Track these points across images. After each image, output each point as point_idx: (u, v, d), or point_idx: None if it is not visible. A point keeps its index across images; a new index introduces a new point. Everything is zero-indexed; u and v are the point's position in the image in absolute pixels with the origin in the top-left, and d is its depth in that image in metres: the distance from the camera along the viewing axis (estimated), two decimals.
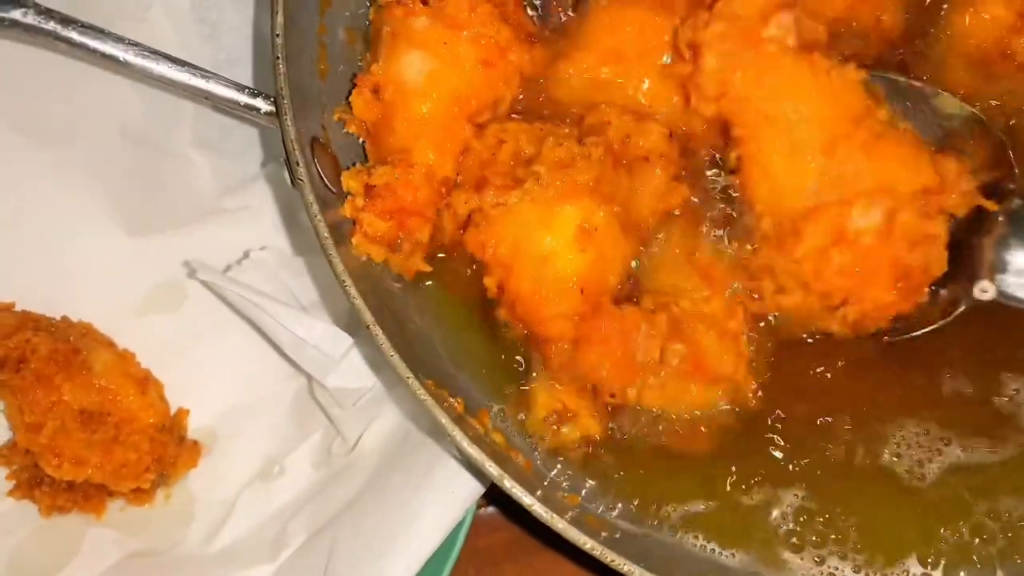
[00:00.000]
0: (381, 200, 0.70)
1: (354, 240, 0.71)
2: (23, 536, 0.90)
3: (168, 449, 0.91)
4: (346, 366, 0.84)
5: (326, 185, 0.69)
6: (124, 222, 0.94)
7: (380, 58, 0.73)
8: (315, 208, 0.64)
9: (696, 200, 0.75)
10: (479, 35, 0.72)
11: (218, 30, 0.89)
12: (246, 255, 0.91)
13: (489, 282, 0.71)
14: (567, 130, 0.73)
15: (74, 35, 0.67)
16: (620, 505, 0.68)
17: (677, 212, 0.74)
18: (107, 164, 0.92)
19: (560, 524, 0.61)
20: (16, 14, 0.66)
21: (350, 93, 0.73)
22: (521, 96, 0.76)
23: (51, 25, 0.66)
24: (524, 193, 0.68)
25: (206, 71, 0.69)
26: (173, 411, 0.94)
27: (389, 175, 0.71)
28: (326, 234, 0.64)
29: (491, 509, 0.95)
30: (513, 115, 0.75)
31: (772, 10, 0.71)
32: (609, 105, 0.74)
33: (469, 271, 0.74)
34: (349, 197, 0.71)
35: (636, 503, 0.69)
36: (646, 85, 0.75)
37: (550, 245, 0.69)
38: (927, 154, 0.73)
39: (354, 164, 0.74)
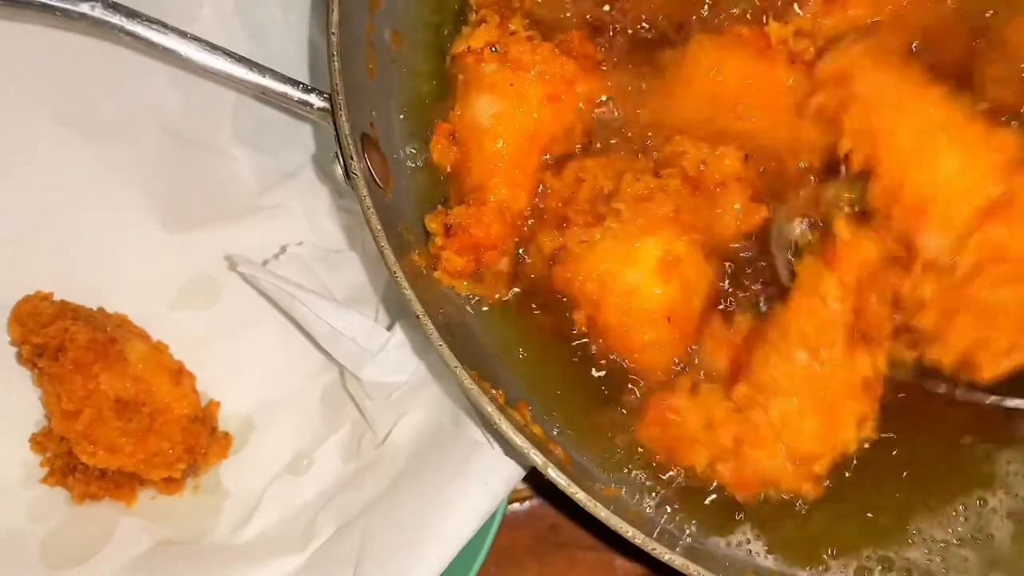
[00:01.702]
0: (457, 238, 0.74)
1: (437, 275, 0.75)
2: (55, 523, 0.91)
3: (200, 440, 0.93)
4: (381, 359, 0.86)
5: (375, 180, 0.71)
6: (162, 217, 0.95)
7: (456, 105, 0.78)
8: (368, 201, 0.67)
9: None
10: (543, 72, 0.75)
11: (264, 29, 0.91)
12: (283, 250, 0.93)
13: (578, 317, 0.75)
14: (643, 163, 0.75)
15: (139, 29, 0.69)
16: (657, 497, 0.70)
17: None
18: (148, 159, 0.94)
19: (603, 512, 0.63)
20: (85, 7, 0.68)
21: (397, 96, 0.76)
22: (603, 121, 0.79)
23: (117, 19, 0.69)
24: (606, 230, 0.72)
25: (263, 67, 0.71)
26: (204, 403, 0.95)
27: (464, 215, 0.75)
28: (378, 226, 0.66)
29: (515, 507, 0.96)
30: (588, 143, 0.79)
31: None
32: (683, 135, 0.76)
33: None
34: (432, 237, 0.76)
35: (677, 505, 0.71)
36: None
37: (635, 279, 0.71)
38: None
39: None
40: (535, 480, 0.92)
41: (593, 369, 0.75)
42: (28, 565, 0.89)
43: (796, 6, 0.78)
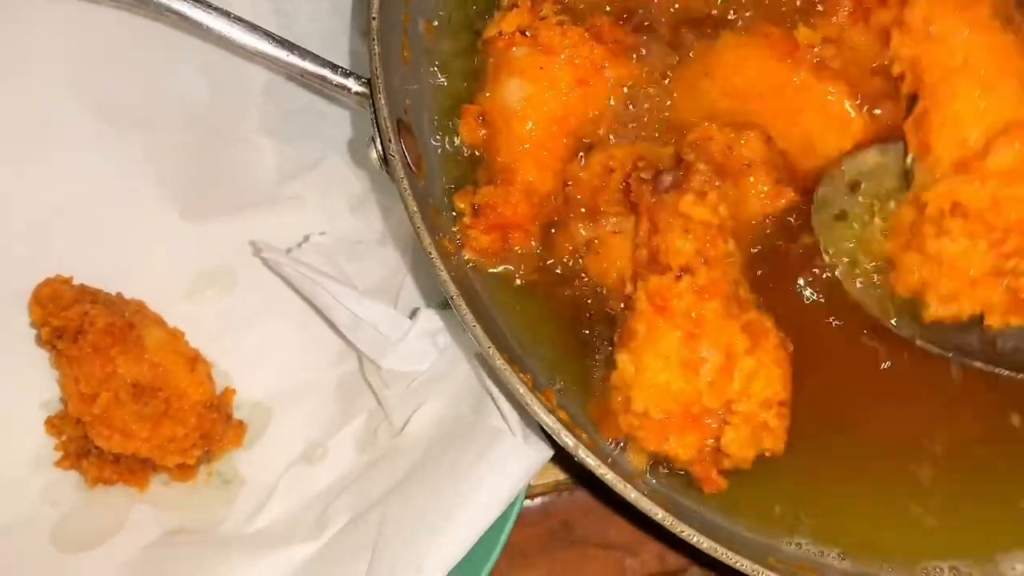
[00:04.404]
0: (484, 217, 0.75)
1: (465, 253, 0.76)
2: (68, 508, 0.91)
3: (215, 427, 0.93)
4: (402, 348, 0.86)
5: (409, 164, 0.72)
6: (181, 205, 0.96)
7: (487, 87, 0.79)
8: (405, 183, 0.68)
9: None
10: (572, 56, 0.77)
11: (291, 18, 0.92)
12: (306, 239, 0.94)
13: (615, 304, 0.76)
14: (670, 150, 0.77)
15: (184, 8, 0.70)
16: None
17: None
18: (171, 148, 0.95)
19: (632, 494, 0.64)
20: None
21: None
22: (630, 106, 0.80)
23: None
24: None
25: (303, 49, 0.72)
26: (220, 391, 0.96)
27: (491, 194, 0.76)
28: (415, 207, 0.67)
29: (527, 503, 0.97)
30: (616, 129, 0.80)
31: None
32: (710, 120, 0.78)
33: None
34: (460, 216, 0.77)
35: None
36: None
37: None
38: None
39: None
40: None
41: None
42: (39, 548, 0.88)
43: (826, 14, 0.80)
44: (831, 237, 0.79)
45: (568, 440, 0.65)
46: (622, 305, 0.75)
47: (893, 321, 0.78)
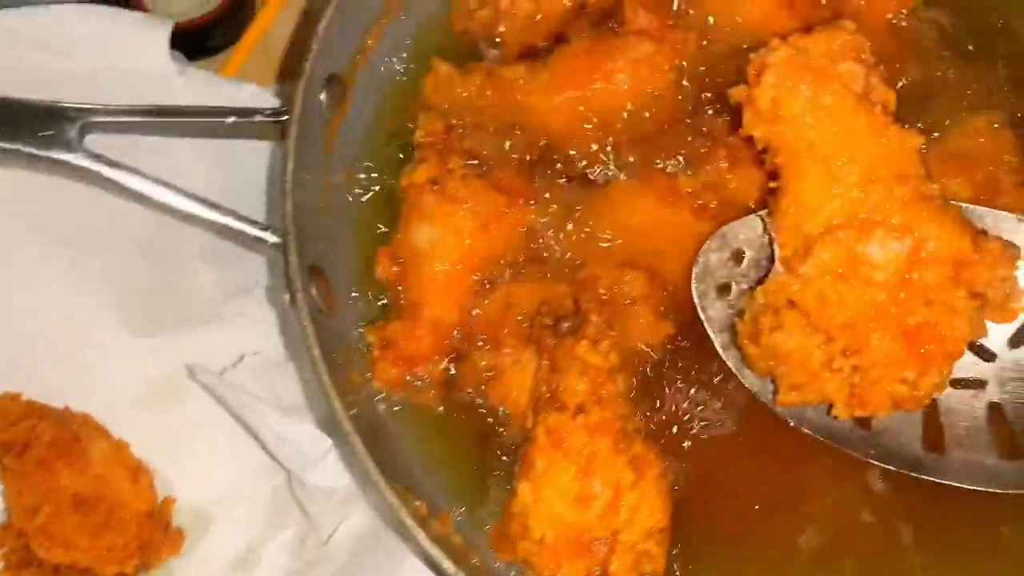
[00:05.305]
0: (392, 350, 0.83)
1: (374, 384, 0.83)
2: None
3: (153, 536, 0.98)
4: (323, 465, 0.92)
5: (319, 307, 0.80)
6: (131, 324, 1.03)
7: (400, 230, 0.87)
8: (309, 330, 0.75)
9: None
10: (476, 205, 0.85)
11: (228, 160, 1.01)
12: (241, 359, 1.00)
13: (514, 429, 0.82)
14: (563, 288, 0.85)
15: (117, 176, 0.78)
16: None
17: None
18: (121, 272, 1.02)
19: None
20: (68, 156, 0.77)
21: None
22: (530, 246, 0.88)
23: (97, 167, 0.78)
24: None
25: (224, 208, 0.81)
26: (161, 500, 1.01)
27: (399, 328, 0.84)
28: (317, 353, 0.74)
29: None
30: (518, 267, 0.88)
31: (844, 57, 0.73)
32: (596, 261, 0.86)
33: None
34: (370, 348, 0.85)
35: None
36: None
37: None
38: (971, 230, 0.73)
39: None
40: None
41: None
42: None
43: (705, 164, 0.88)
44: (714, 311, 0.83)
45: (450, 569, 0.70)
46: (524, 434, 0.82)
47: (769, 396, 0.79)
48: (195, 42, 1.12)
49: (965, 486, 0.78)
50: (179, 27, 1.06)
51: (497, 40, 0.96)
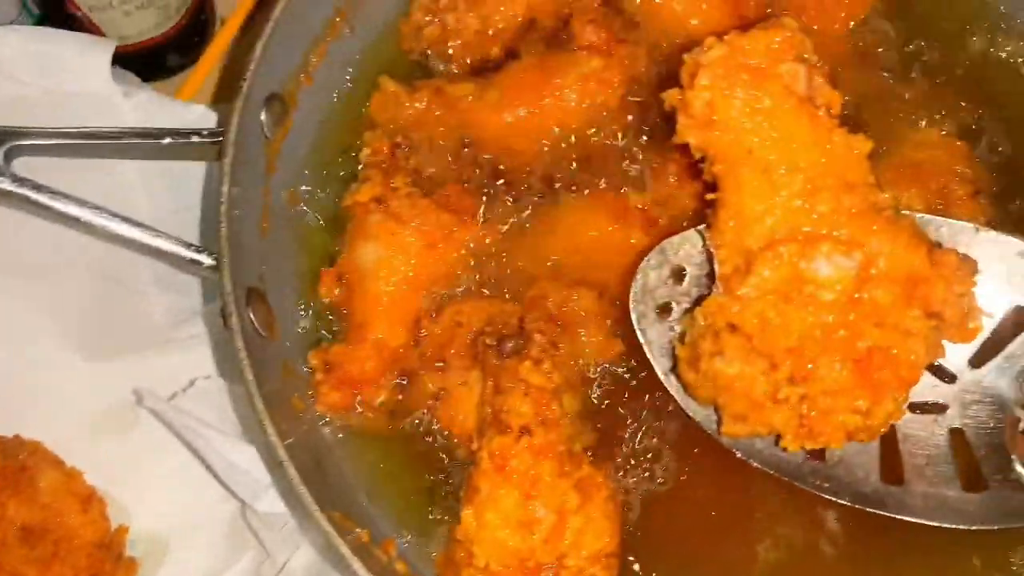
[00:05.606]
0: (335, 373, 0.81)
1: (318, 409, 0.81)
2: None
3: (105, 566, 0.96)
4: (274, 493, 0.90)
5: (256, 330, 0.78)
6: (83, 349, 1.01)
7: (344, 249, 0.86)
8: (243, 353, 0.73)
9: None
10: (422, 223, 0.84)
11: (178, 180, 1.00)
12: (191, 383, 0.99)
13: (462, 452, 0.81)
14: (512, 306, 0.84)
15: (43, 199, 0.77)
16: None
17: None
18: (72, 297, 1.01)
19: None
20: None
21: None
22: (478, 264, 0.86)
23: (24, 191, 0.76)
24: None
25: (156, 230, 0.79)
26: (114, 528, 0.99)
27: (342, 351, 0.82)
28: (251, 376, 0.73)
29: None
30: (465, 285, 0.86)
31: (784, 56, 0.66)
32: (546, 280, 0.85)
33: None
34: (313, 372, 0.83)
35: None
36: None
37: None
38: (926, 244, 0.67)
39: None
40: None
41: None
42: None
43: (656, 179, 0.86)
44: (654, 334, 0.78)
45: None
46: (471, 458, 0.80)
47: (714, 426, 0.74)
48: (151, 63, 1.12)
49: (927, 523, 0.74)
50: (134, 47, 1.06)
51: (448, 55, 0.95)
